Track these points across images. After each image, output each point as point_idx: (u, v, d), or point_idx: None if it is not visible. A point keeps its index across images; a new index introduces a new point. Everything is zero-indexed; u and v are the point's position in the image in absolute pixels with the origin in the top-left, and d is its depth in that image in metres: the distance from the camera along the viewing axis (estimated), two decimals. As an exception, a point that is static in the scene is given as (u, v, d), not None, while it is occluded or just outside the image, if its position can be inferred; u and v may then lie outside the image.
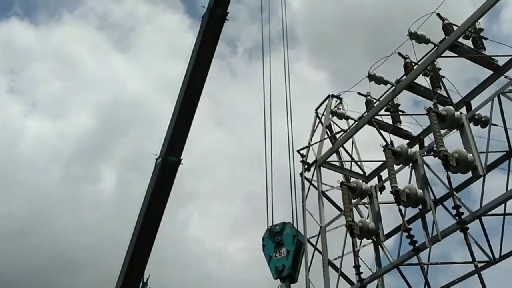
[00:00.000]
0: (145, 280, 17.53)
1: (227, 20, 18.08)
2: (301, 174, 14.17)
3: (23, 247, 38.02)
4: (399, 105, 13.19)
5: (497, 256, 10.45)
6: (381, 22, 42.96)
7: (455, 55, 11.54)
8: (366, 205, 12.31)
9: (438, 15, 11.78)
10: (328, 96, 15.05)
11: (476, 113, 11.44)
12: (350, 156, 14.40)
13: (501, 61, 11.38)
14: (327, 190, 13.57)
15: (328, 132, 14.45)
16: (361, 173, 14.31)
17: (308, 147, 14.41)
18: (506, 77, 11.25)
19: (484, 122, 11.77)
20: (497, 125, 11.01)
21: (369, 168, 14.22)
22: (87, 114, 51.68)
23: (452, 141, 10.99)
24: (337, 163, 14.24)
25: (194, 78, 17.68)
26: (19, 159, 43.27)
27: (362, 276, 11.26)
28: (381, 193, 11.90)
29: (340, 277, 12.08)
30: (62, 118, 51.16)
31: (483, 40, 11.60)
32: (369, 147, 15.38)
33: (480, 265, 9.76)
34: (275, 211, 13.82)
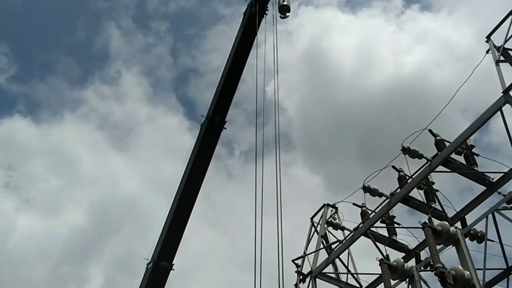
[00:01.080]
0: None
1: (225, 128, 18.56)
2: (295, 286, 13.86)
3: None
4: (394, 217, 13.22)
5: None
6: (374, 128, 44.10)
7: (448, 170, 11.76)
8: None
9: (430, 131, 12.16)
10: (324, 205, 15.11)
11: (472, 228, 11.43)
12: (346, 268, 14.16)
13: (494, 176, 11.57)
14: (322, 303, 13.24)
15: (324, 242, 14.33)
16: (357, 286, 14.00)
17: (303, 257, 14.22)
18: (499, 193, 11.38)
19: (480, 238, 11.72)
20: (493, 241, 10.99)
21: (365, 282, 13.94)
22: (80, 212, 51.35)
23: (449, 254, 10.91)
24: (333, 275, 13.98)
25: (190, 184, 17.80)
26: (7, 255, 42.38)
27: None
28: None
29: None
30: (55, 215, 50.76)
31: (474, 156, 11.87)
32: (365, 257, 15.21)
33: None
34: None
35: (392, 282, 10.88)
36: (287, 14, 19.65)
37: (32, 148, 53.19)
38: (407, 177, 12.47)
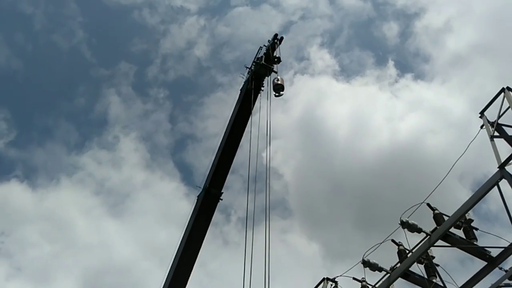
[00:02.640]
0: None
1: (221, 200, 18.55)
2: None
3: None
4: (395, 292, 12.96)
5: None
6: (370, 194, 44.05)
7: (448, 245, 11.69)
8: None
9: (428, 205, 12.17)
10: (323, 279, 14.83)
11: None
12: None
13: (494, 252, 11.49)
14: None
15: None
16: None
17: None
18: (501, 269, 11.25)
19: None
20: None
21: None
22: (72, 280, 50.18)
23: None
24: None
25: (186, 255, 17.61)
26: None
27: None
28: None
29: None
30: (46, 283, 49.52)
31: (473, 230, 11.82)
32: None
33: None
34: None
35: None
36: (281, 92, 20.19)
37: (26, 213, 52.77)
38: (407, 251, 12.35)
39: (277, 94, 20.26)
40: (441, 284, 11.79)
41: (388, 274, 12.62)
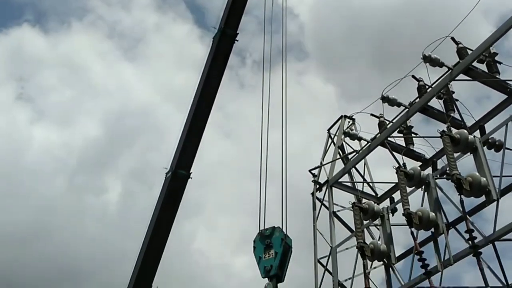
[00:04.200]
0: None
1: (237, 40, 18.27)
2: (312, 194, 14.18)
3: (28, 255, 37.93)
4: (412, 127, 13.20)
5: (510, 281, 10.32)
6: (389, 32, 42.81)
7: (469, 78, 11.57)
8: (378, 227, 12.28)
9: (452, 38, 11.84)
10: (341, 117, 15.11)
11: (490, 136, 11.43)
12: (362, 177, 14.40)
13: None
14: (338, 211, 13.59)
15: (340, 152, 14.48)
16: (373, 194, 14.29)
17: (320, 167, 14.44)
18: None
19: (498, 146, 11.75)
20: (511, 149, 10.98)
21: (381, 190, 14.20)
22: (94, 123, 51.65)
23: (466, 164, 11.00)
24: (348, 184, 14.23)
25: (204, 95, 17.87)
26: (25, 167, 43.26)
27: (373, 298, 11.22)
28: (393, 215, 11.89)
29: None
30: (69, 127, 51.04)
31: (497, 64, 11.63)
32: (381, 167, 15.37)
33: (493, 290, 9.66)
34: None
35: (408, 190, 11.06)
36: None
37: (42, 59, 52.86)
38: (427, 87, 12.32)
39: None
40: (459, 118, 11.90)
41: (407, 109, 12.73)
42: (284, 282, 12.55)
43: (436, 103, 12.22)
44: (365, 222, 12.14)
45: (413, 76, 12.57)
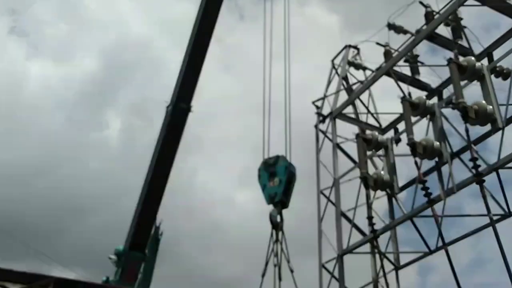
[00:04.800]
0: (157, 225, 17.95)
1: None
2: (315, 126, 14.06)
3: (31, 192, 38.24)
4: (418, 56, 12.89)
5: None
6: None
7: (479, 4, 11.14)
8: (382, 158, 12.23)
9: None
10: (345, 47, 14.75)
11: (498, 64, 11.14)
12: (367, 108, 14.22)
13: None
14: (342, 143, 13.51)
15: (344, 83, 14.22)
16: (377, 125, 14.15)
17: (323, 98, 14.24)
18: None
19: (505, 75, 11.47)
20: (518, 78, 10.70)
21: (385, 121, 14.06)
22: (92, 57, 50.85)
23: (472, 94, 10.76)
24: (352, 115, 14.07)
25: (203, 26, 17.46)
26: (23, 103, 42.87)
27: (375, 228, 11.30)
28: (397, 145, 11.78)
29: (353, 228, 12.15)
30: (66, 61, 50.17)
31: (508, -12, 11.15)
32: (386, 98, 15.15)
33: (494, 218, 9.68)
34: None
35: (413, 120, 10.90)
36: None
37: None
38: (434, 13, 11.90)
39: None
40: (467, 46, 11.57)
41: (413, 37, 12.37)
42: (288, 208, 12.77)
43: (444, 31, 11.89)
44: (369, 153, 12.08)
45: (421, 2, 12.14)
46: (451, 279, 9.54)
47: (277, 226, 12.40)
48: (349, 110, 14.01)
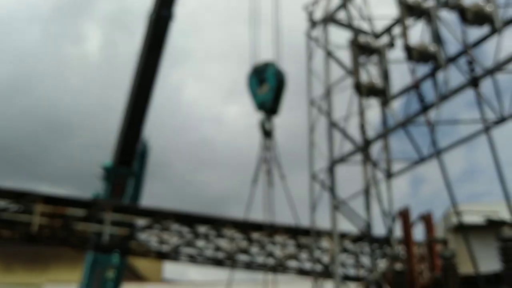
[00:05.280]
0: (144, 141, 17.79)
1: None
2: (306, 34, 13.49)
3: (12, 111, 37.42)
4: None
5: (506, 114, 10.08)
6: None
7: None
8: (375, 65, 11.81)
9: None
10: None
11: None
12: (360, 13, 13.56)
13: None
14: (334, 51, 12.99)
15: (338, -14, 13.47)
16: (371, 32, 13.57)
17: (314, 2, 13.56)
18: None
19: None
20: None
21: (380, 28, 13.45)
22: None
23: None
24: (346, 22, 13.44)
25: None
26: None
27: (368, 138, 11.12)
28: (392, 46, 11.38)
29: (345, 139, 11.94)
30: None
31: None
32: (380, 5, 14.51)
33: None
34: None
35: (409, 24, 10.42)
36: None
37: None
38: None
39: None
40: None
41: None
42: (278, 115, 12.53)
43: None
44: (362, 62, 11.66)
45: None
46: (442, 191, 9.44)
47: (267, 133, 12.22)
48: (343, 18, 13.36)
